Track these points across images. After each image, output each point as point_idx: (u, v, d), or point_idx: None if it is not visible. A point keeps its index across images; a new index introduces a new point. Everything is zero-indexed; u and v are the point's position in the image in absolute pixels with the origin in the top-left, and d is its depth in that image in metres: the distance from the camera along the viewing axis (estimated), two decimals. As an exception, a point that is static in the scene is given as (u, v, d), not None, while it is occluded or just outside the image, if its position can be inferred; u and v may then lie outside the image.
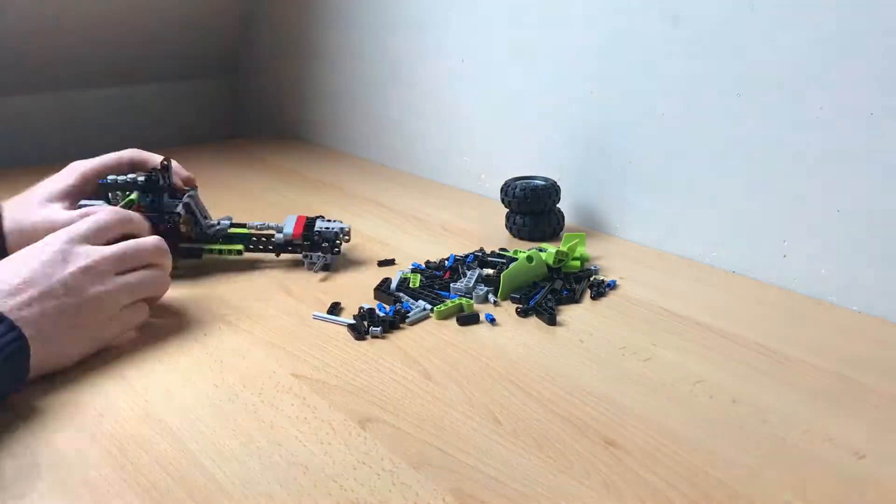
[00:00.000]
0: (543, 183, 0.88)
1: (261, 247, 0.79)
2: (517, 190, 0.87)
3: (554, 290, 0.72)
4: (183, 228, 0.76)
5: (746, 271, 0.79)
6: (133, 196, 0.75)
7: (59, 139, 1.43)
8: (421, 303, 0.70)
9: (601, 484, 0.46)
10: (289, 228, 0.78)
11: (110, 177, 0.77)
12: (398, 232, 0.92)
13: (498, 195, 0.90)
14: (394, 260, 0.82)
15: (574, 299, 0.72)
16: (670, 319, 0.68)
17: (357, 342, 0.64)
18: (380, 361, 0.61)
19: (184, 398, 0.55)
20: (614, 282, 0.76)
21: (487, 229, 0.93)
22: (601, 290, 0.73)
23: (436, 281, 0.75)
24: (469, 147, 1.09)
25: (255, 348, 0.63)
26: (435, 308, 0.68)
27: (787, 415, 0.54)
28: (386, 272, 0.79)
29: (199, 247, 0.78)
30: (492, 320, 0.68)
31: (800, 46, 0.71)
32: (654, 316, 0.69)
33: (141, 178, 0.77)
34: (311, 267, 0.78)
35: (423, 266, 0.79)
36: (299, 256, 0.79)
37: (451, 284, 0.73)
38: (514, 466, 0.48)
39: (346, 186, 1.12)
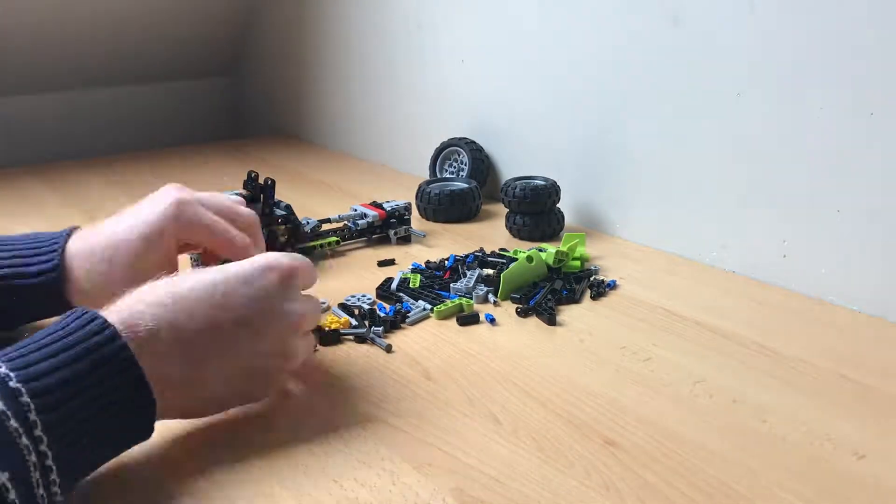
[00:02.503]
0: (543, 183, 0.88)
1: (346, 236, 0.86)
2: (517, 190, 0.87)
3: (554, 290, 0.72)
4: (281, 239, 0.80)
5: (746, 271, 0.79)
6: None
7: (59, 139, 1.43)
8: (421, 303, 0.70)
9: (601, 484, 0.46)
10: (372, 213, 0.86)
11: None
12: (405, 242, 0.92)
13: (498, 195, 0.90)
14: (394, 260, 0.82)
15: (574, 299, 0.72)
16: (670, 319, 0.68)
17: (356, 343, 0.64)
18: (380, 361, 0.61)
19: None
20: (614, 282, 0.76)
21: (487, 229, 0.93)
22: (601, 290, 0.73)
23: (436, 281, 0.75)
24: (469, 147, 1.09)
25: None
26: (435, 308, 0.68)
27: (787, 415, 0.54)
28: (386, 272, 0.79)
29: (303, 247, 0.81)
30: (492, 320, 0.68)
31: (800, 46, 0.71)
32: (654, 316, 0.69)
33: (240, 193, 0.76)
34: (395, 239, 0.87)
35: (423, 266, 0.79)
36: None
37: (451, 284, 0.73)
38: (514, 466, 0.48)
39: (346, 186, 1.12)
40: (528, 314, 0.69)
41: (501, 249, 0.83)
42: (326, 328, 0.64)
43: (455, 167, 1.06)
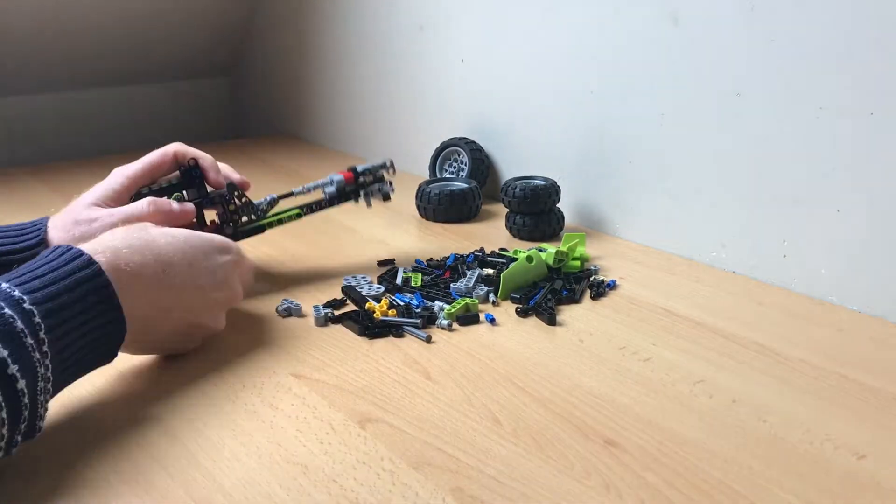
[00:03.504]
0: (543, 183, 0.89)
1: (315, 206, 0.80)
2: (517, 190, 0.87)
3: (554, 290, 0.72)
4: (232, 208, 0.76)
5: (746, 271, 0.79)
6: (175, 196, 0.75)
7: (59, 139, 1.43)
8: (438, 303, 0.69)
9: (601, 484, 0.46)
10: (338, 177, 0.80)
11: (143, 189, 0.75)
12: (398, 231, 0.93)
13: (498, 195, 0.90)
14: (394, 260, 0.82)
15: (574, 299, 0.72)
16: (670, 319, 0.68)
17: (356, 342, 0.64)
18: (380, 361, 0.61)
19: (182, 398, 0.55)
20: (614, 282, 0.76)
21: (487, 229, 0.93)
22: (601, 290, 0.73)
23: (438, 280, 0.75)
24: (469, 147, 1.09)
25: (255, 348, 0.63)
26: (445, 310, 0.68)
27: (787, 415, 0.54)
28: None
29: (259, 225, 0.77)
30: (492, 320, 0.68)
31: (800, 46, 0.71)
32: (654, 316, 0.69)
33: (172, 180, 0.76)
34: (370, 201, 0.81)
35: (425, 263, 0.79)
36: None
37: (452, 284, 0.73)
38: (514, 466, 0.48)
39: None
40: (528, 314, 0.69)
41: (501, 249, 0.83)
42: (377, 316, 0.67)
43: (455, 167, 1.06)
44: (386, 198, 0.81)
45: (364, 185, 0.80)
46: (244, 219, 0.77)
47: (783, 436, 0.51)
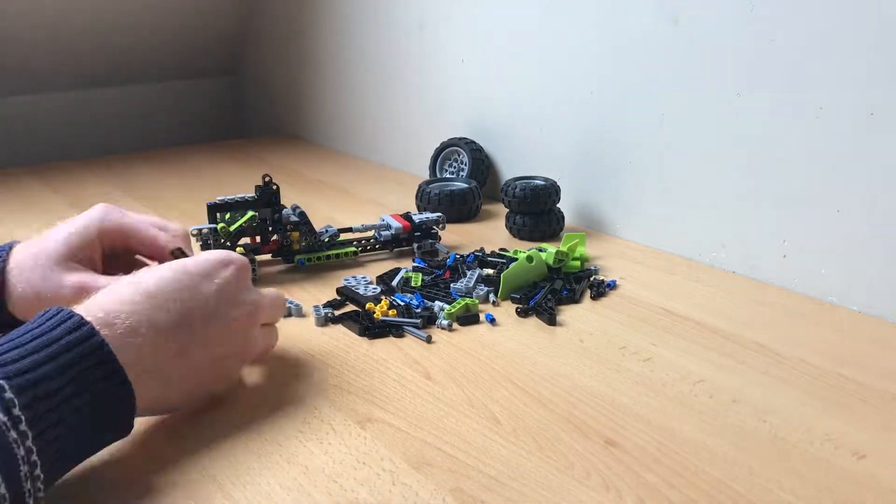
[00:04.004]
0: (543, 183, 0.89)
1: (369, 247, 0.83)
2: (517, 190, 0.87)
3: (554, 290, 0.72)
4: (296, 246, 0.79)
5: (746, 271, 0.79)
6: (249, 214, 0.77)
7: (59, 139, 1.43)
8: (438, 303, 0.69)
9: (601, 484, 0.46)
10: (396, 223, 0.83)
11: (219, 197, 0.76)
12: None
13: (498, 195, 0.90)
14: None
15: (574, 299, 0.72)
16: (670, 319, 0.68)
17: (356, 342, 0.64)
18: (380, 361, 0.61)
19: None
20: (614, 282, 0.76)
21: (487, 229, 0.93)
22: (601, 290, 0.73)
23: (438, 280, 0.75)
24: (469, 147, 1.09)
25: (255, 348, 0.63)
26: (445, 310, 0.68)
27: (787, 415, 0.54)
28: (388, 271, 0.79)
29: (318, 256, 0.80)
30: (492, 320, 0.68)
31: (800, 46, 0.71)
32: (654, 316, 0.69)
33: (250, 197, 0.77)
34: (423, 254, 0.83)
35: (424, 262, 0.80)
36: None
37: (452, 284, 0.73)
38: (514, 466, 0.48)
39: (345, 186, 1.13)
40: (528, 314, 0.69)
41: (501, 249, 0.83)
42: (377, 317, 0.67)
43: (455, 167, 1.06)
44: (434, 255, 0.84)
45: (418, 238, 0.84)
46: (302, 243, 0.79)
47: (783, 436, 0.51)
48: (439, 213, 0.86)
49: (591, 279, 0.76)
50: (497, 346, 0.63)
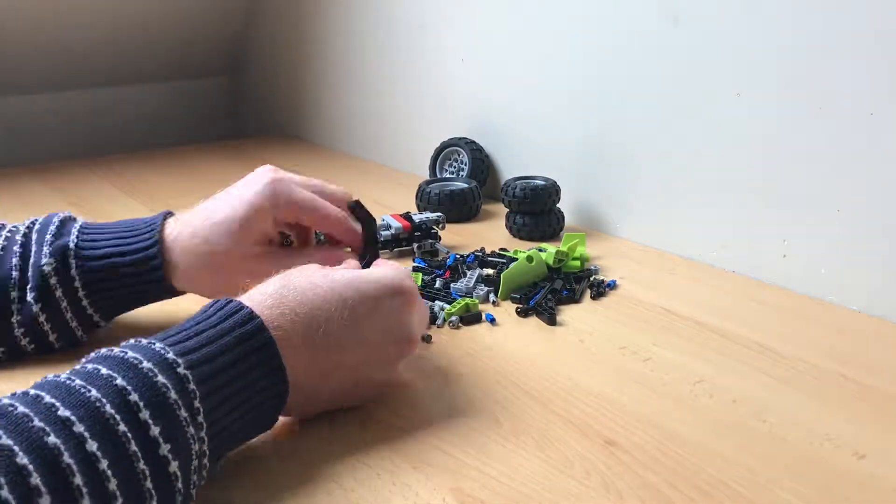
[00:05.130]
0: (543, 183, 0.88)
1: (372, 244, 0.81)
2: (517, 190, 0.87)
3: (554, 290, 0.72)
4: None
5: (746, 271, 0.79)
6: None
7: (59, 139, 1.43)
8: (438, 303, 0.69)
9: (601, 484, 0.46)
10: (396, 223, 0.82)
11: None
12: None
13: (498, 195, 0.90)
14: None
15: (574, 299, 0.72)
16: (670, 319, 0.68)
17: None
18: (380, 361, 0.61)
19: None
20: (614, 282, 0.76)
21: (487, 229, 0.93)
22: (601, 290, 0.73)
23: (438, 280, 0.75)
24: (469, 147, 1.09)
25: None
26: (445, 310, 0.68)
27: (787, 415, 0.54)
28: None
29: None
30: (492, 320, 0.68)
31: (800, 46, 0.71)
32: (654, 316, 0.69)
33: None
34: (423, 253, 0.83)
35: (424, 262, 0.80)
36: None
37: (452, 284, 0.73)
38: (514, 466, 0.48)
39: (345, 186, 1.12)
40: (528, 314, 0.69)
41: (501, 249, 0.83)
42: None
43: (455, 167, 1.06)
44: (434, 255, 0.84)
45: (418, 238, 0.83)
46: None
47: (783, 436, 0.51)
48: (439, 213, 0.85)
49: (591, 279, 0.76)
50: (497, 346, 0.63)
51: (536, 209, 0.88)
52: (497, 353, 0.62)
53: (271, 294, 0.48)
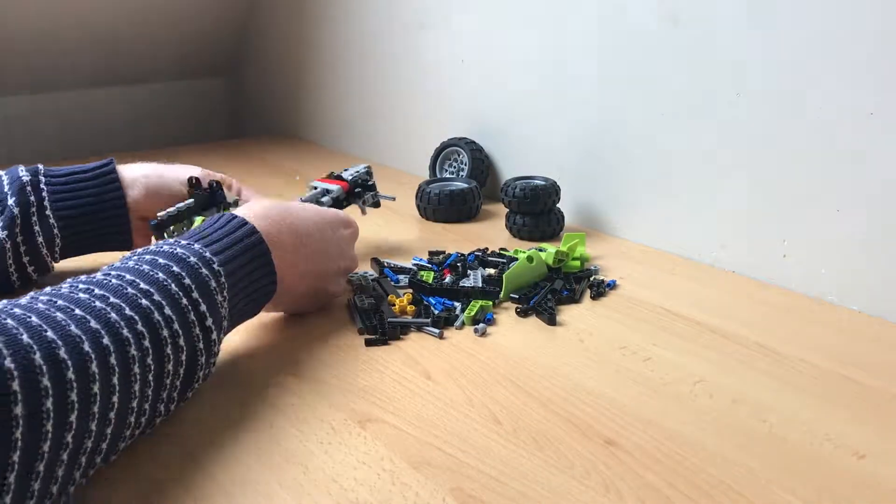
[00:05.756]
0: (543, 183, 0.89)
1: None
2: (517, 190, 0.87)
3: (554, 290, 0.72)
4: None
5: (746, 271, 0.79)
6: (198, 220, 0.76)
7: (59, 139, 1.43)
8: (456, 304, 0.69)
9: (601, 484, 0.46)
10: (334, 187, 0.84)
11: (160, 213, 0.74)
12: (398, 231, 0.92)
13: (498, 195, 0.90)
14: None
15: (574, 299, 0.72)
16: (670, 319, 0.68)
17: (357, 340, 0.64)
18: (380, 361, 0.61)
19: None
20: (614, 282, 0.76)
21: (487, 229, 0.93)
22: (601, 290, 0.73)
23: (441, 279, 0.75)
24: (469, 147, 1.09)
25: (255, 348, 0.63)
26: (465, 315, 0.68)
27: (787, 415, 0.54)
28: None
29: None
30: (491, 319, 0.68)
31: (800, 46, 0.71)
32: (654, 316, 0.69)
33: (188, 203, 0.76)
34: (365, 209, 0.87)
35: (426, 261, 0.80)
36: None
37: (461, 283, 0.73)
38: (514, 466, 0.48)
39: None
40: (528, 314, 0.69)
41: (502, 249, 0.83)
42: (396, 310, 0.68)
43: (455, 167, 1.06)
44: (376, 205, 0.86)
45: (359, 194, 0.85)
46: None
47: (783, 436, 0.51)
48: (366, 165, 0.88)
49: (591, 279, 0.76)
50: (497, 346, 0.63)
51: (536, 209, 0.88)
52: (497, 353, 0.62)
53: (271, 215, 0.61)
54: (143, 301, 0.47)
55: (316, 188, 0.84)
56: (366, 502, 0.44)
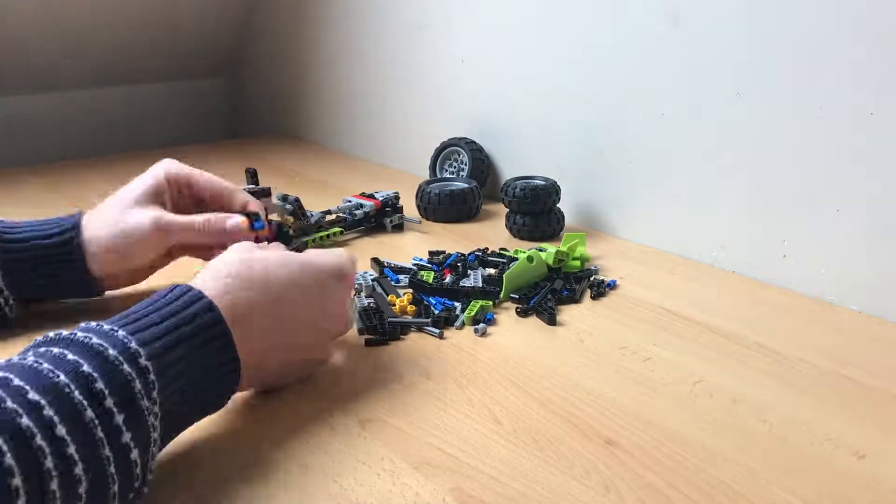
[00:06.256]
0: (543, 183, 0.89)
1: (350, 225, 0.90)
2: (517, 190, 0.87)
3: (554, 290, 0.72)
4: (293, 228, 0.85)
5: (746, 271, 0.79)
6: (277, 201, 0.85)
7: (59, 139, 1.43)
8: (456, 304, 0.69)
9: (601, 484, 0.46)
10: (368, 203, 0.91)
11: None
12: (398, 231, 0.92)
13: (498, 195, 0.90)
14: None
15: (574, 299, 0.72)
16: (670, 319, 0.68)
17: (357, 340, 0.64)
18: (380, 361, 0.61)
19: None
20: (614, 282, 0.76)
21: (487, 229, 0.93)
22: (601, 290, 0.73)
23: (441, 279, 0.75)
24: (469, 147, 1.09)
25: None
26: (465, 315, 0.68)
27: (787, 415, 0.54)
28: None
29: (308, 237, 0.86)
30: (491, 319, 0.68)
31: (800, 46, 0.71)
32: (654, 316, 0.69)
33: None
34: (390, 227, 0.92)
35: (425, 261, 0.80)
36: None
37: (462, 283, 0.73)
38: (514, 466, 0.48)
39: (346, 186, 1.12)
40: (528, 314, 0.69)
41: (502, 249, 0.83)
42: (397, 310, 0.68)
43: (455, 167, 1.06)
44: (399, 228, 0.92)
45: (387, 213, 0.92)
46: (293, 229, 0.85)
47: (783, 436, 0.51)
48: (395, 190, 0.94)
49: (591, 279, 0.76)
50: (497, 346, 0.63)
51: (536, 209, 0.88)
52: (497, 353, 0.62)
53: (229, 283, 0.50)
54: (23, 420, 0.35)
55: (350, 201, 0.92)
56: (366, 502, 0.44)
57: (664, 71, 0.82)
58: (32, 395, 0.37)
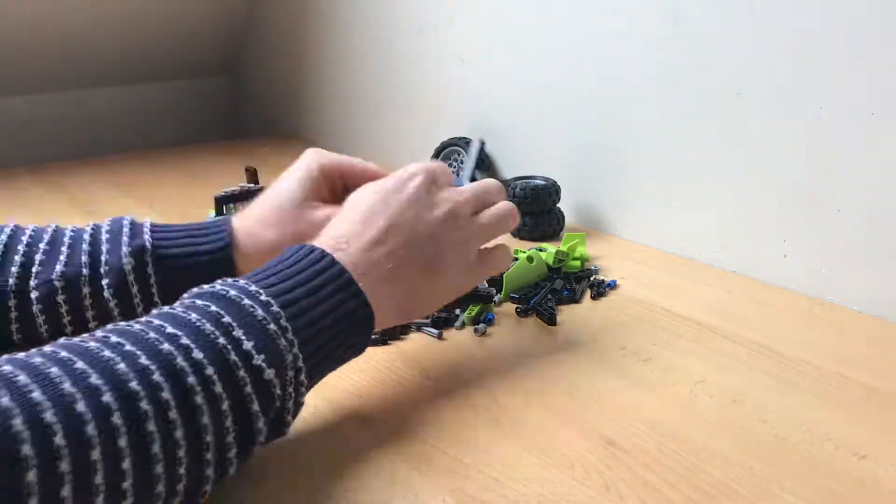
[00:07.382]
0: (543, 183, 0.89)
1: None
2: (517, 190, 0.87)
3: (554, 290, 0.72)
4: None
5: (746, 271, 0.79)
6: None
7: (59, 139, 1.43)
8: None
9: (601, 484, 0.46)
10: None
11: (225, 189, 0.76)
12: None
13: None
14: None
15: (574, 299, 0.72)
16: (670, 319, 0.68)
17: (357, 342, 0.64)
18: (380, 361, 0.61)
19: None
20: (614, 282, 0.76)
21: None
22: (601, 290, 0.73)
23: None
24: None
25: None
26: (465, 314, 0.68)
27: (787, 415, 0.54)
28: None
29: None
30: (491, 319, 0.68)
31: (800, 46, 0.71)
32: (654, 316, 0.69)
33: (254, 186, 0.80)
34: None
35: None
36: None
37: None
38: (514, 466, 0.48)
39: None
40: (528, 314, 0.69)
41: (501, 249, 0.83)
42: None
43: (455, 167, 1.06)
44: None
45: None
46: None
47: (783, 436, 0.51)
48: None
49: (591, 279, 0.76)
50: (497, 346, 0.63)
51: (536, 209, 0.88)
52: (497, 353, 0.62)
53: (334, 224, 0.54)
54: (165, 346, 0.40)
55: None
56: (366, 502, 0.44)
57: (664, 71, 0.82)
58: (169, 329, 0.41)
